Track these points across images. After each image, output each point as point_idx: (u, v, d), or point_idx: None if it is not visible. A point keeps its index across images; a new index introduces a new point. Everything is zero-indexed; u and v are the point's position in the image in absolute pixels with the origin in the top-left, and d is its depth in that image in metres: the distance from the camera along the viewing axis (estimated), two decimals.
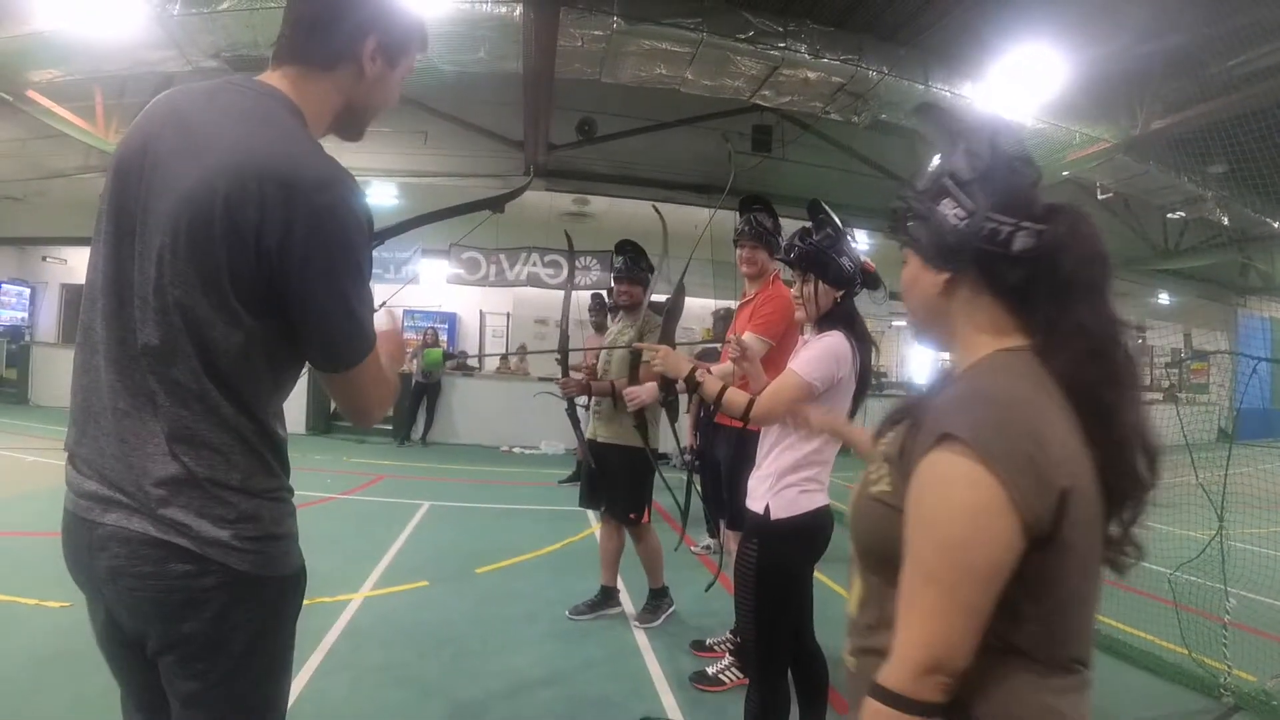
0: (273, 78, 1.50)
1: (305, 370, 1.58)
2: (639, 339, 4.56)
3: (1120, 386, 1.15)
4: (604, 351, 4.82)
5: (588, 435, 4.85)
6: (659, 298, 4.52)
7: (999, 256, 1.18)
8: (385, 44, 1.54)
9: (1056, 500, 1.03)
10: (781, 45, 8.75)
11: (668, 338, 3.67)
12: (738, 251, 4.24)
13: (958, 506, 1.05)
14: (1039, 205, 1.20)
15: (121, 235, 1.41)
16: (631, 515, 4.71)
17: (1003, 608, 1.06)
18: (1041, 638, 1.10)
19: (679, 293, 4.09)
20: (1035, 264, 1.17)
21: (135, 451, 1.37)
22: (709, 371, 3.05)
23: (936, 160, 1.29)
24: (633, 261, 4.83)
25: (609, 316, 4.89)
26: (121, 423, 1.38)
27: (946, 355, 1.36)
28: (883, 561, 1.19)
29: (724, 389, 2.84)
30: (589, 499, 4.98)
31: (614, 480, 4.71)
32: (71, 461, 1.46)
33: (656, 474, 4.44)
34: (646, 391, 4.13)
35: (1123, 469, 1.13)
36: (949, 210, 1.23)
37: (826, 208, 2.95)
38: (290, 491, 1.55)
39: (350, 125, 1.62)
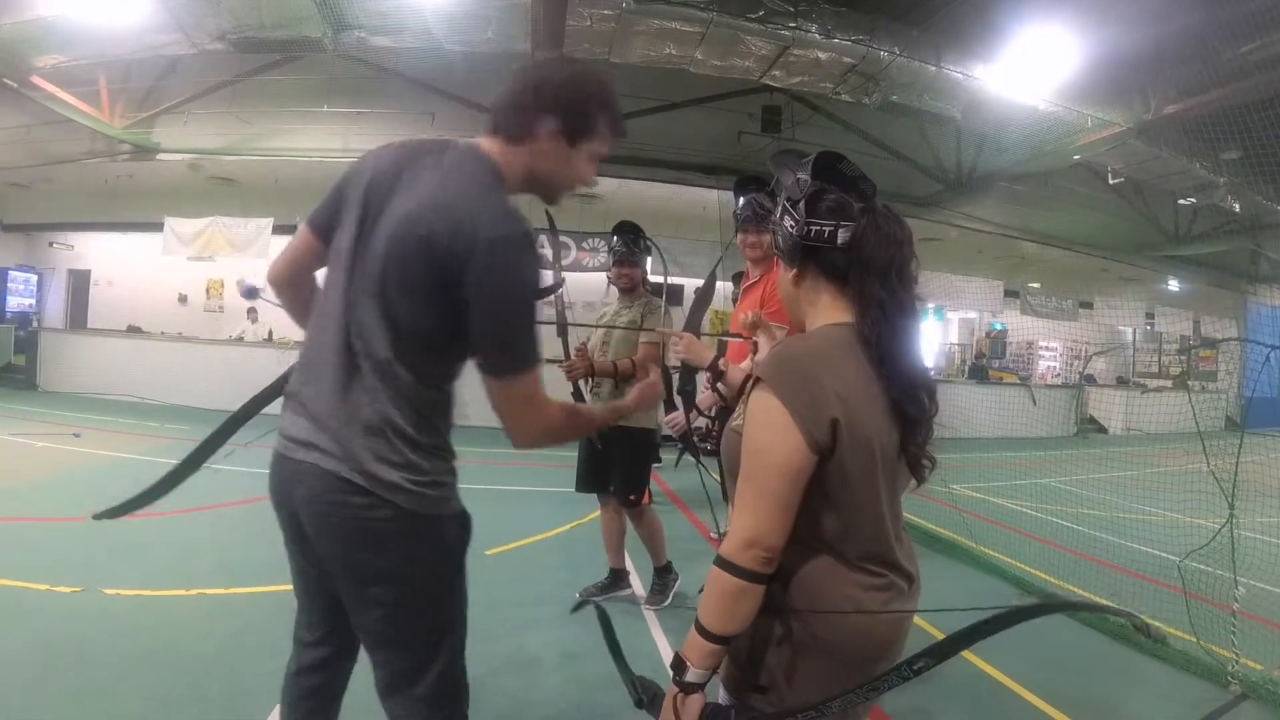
0: (485, 143, 1.85)
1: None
2: (638, 321, 4.55)
3: (900, 341, 1.56)
4: (603, 333, 4.79)
5: None
6: (656, 279, 4.48)
7: (827, 249, 1.62)
8: (566, 128, 1.83)
9: (830, 426, 1.47)
10: (792, 25, 8.72)
11: (693, 325, 3.63)
12: (740, 236, 4.18)
13: (763, 424, 1.52)
14: (855, 209, 1.61)
15: (364, 226, 1.78)
16: (631, 497, 4.69)
17: (806, 510, 1.51)
18: (838, 534, 1.54)
19: (710, 282, 4.07)
20: (851, 251, 1.60)
21: (341, 401, 1.74)
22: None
23: (784, 189, 1.70)
24: (631, 243, 4.78)
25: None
26: (337, 376, 1.75)
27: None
28: (735, 476, 1.61)
29: (748, 378, 2.82)
30: (587, 482, 4.89)
31: (614, 462, 4.69)
32: (288, 402, 1.88)
33: (695, 458, 4.43)
34: (679, 417, 4.16)
35: (911, 402, 1.56)
36: (787, 223, 1.67)
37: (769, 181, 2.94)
38: (451, 451, 1.88)
39: (541, 190, 1.93)
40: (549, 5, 7.84)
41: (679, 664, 1.58)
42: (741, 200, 4.15)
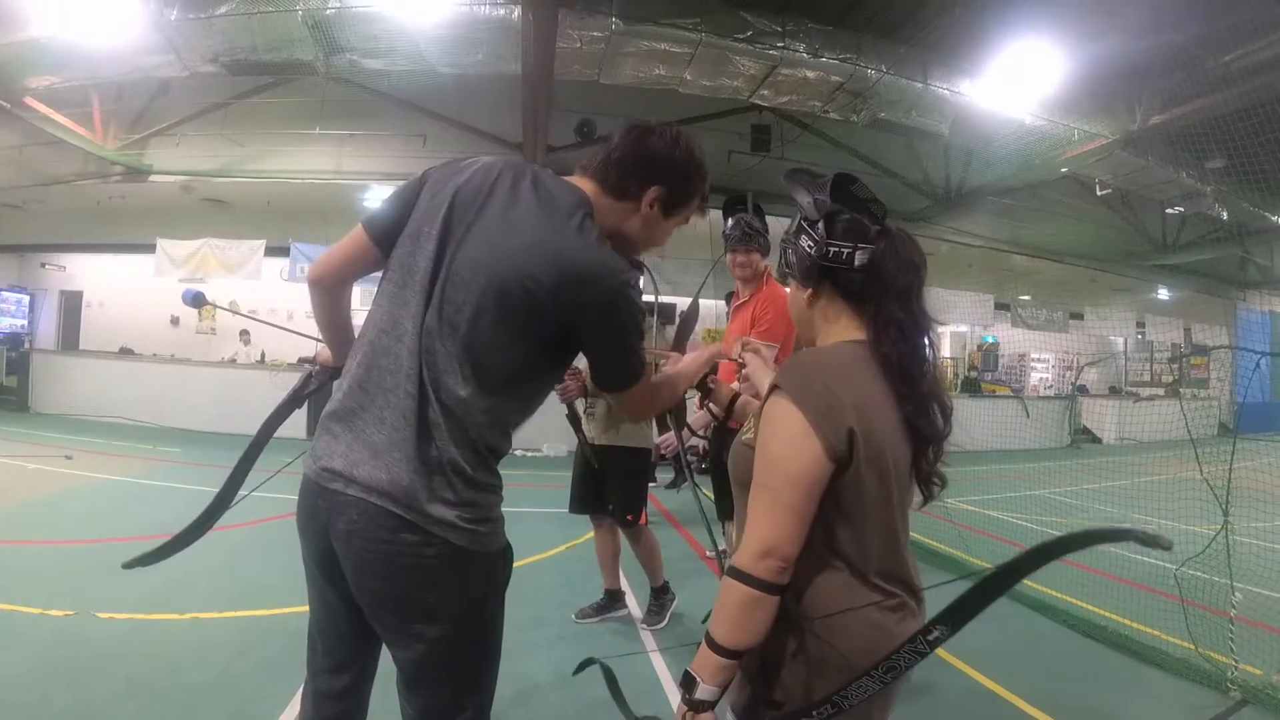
0: (582, 182, 1.89)
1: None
2: None
3: (918, 359, 1.61)
4: None
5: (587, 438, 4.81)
6: (648, 298, 4.46)
7: (845, 272, 1.64)
8: (666, 198, 1.90)
9: (847, 436, 1.47)
10: (780, 45, 8.78)
11: (680, 345, 3.65)
12: (729, 256, 4.21)
13: (779, 433, 1.52)
14: (871, 231, 1.62)
15: (446, 249, 1.76)
16: (629, 517, 4.68)
17: (821, 523, 1.51)
18: (854, 548, 1.54)
19: (695, 303, 4.08)
20: (867, 273, 1.62)
21: (406, 434, 1.70)
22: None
23: (800, 209, 1.70)
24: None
25: None
26: (406, 406, 1.71)
27: None
28: (745, 489, 1.62)
29: (736, 396, 2.83)
30: (582, 504, 4.87)
31: (611, 482, 4.69)
32: (332, 425, 1.80)
33: (689, 478, 4.44)
34: (671, 438, 4.13)
35: (926, 419, 1.60)
36: (804, 243, 1.68)
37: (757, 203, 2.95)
38: (500, 483, 1.88)
39: (620, 245, 1.93)
40: (539, 27, 7.90)
41: (689, 681, 1.56)
42: (730, 221, 4.18)
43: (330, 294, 2.01)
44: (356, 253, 1.93)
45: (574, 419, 4.72)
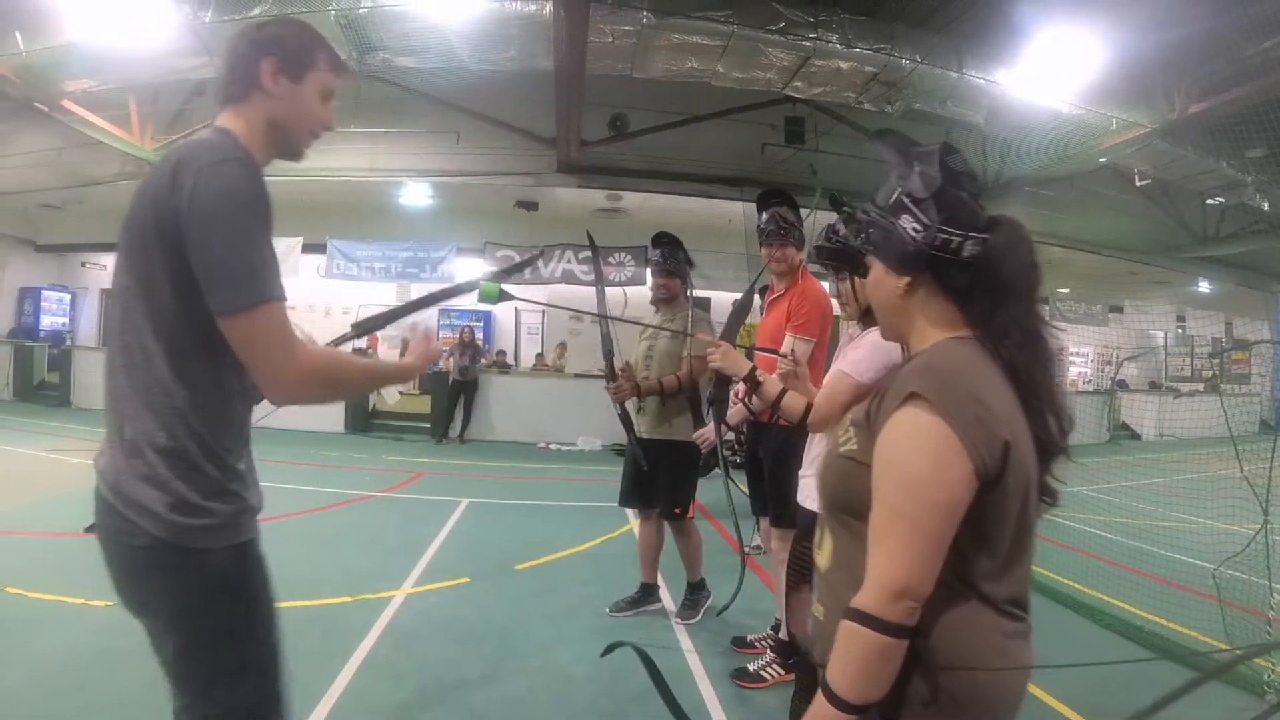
0: (221, 118, 1.76)
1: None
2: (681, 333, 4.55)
3: (1044, 366, 1.41)
4: (645, 349, 4.78)
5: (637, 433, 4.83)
6: (702, 294, 4.46)
7: (950, 262, 1.42)
8: (281, 65, 1.75)
9: (1001, 449, 1.28)
10: (812, 35, 8.70)
11: (729, 335, 3.63)
12: (764, 250, 4.19)
13: (923, 450, 1.29)
14: (983, 218, 1.44)
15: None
16: (677, 510, 4.70)
17: (956, 546, 1.30)
18: (987, 573, 1.34)
19: (749, 293, 4.07)
20: (979, 268, 1.42)
21: (111, 412, 1.61)
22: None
23: (895, 180, 1.49)
24: (669, 254, 4.77)
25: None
26: (108, 386, 1.63)
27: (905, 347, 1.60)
28: (850, 512, 1.43)
29: (784, 392, 2.81)
30: (632, 497, 4.89)
31: (660, 476, 4.69)
32: None
33: (724, 472, 4.44)
34: (712, 431, 4.12)
35: (1046, 430, 1.40)
36: (908, 224, 1.44)
37: (848, 202, 2.90)
38: (232, 470, 1.67)
39: (284, 143, 1.82)
40: (570, 23, 7.89)
41: None
42: (765, 215, 4.16)
43: None
44: None
45: (625, 419, 4.73)
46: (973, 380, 1.34)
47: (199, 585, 1.60)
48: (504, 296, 2.69)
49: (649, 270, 4.91)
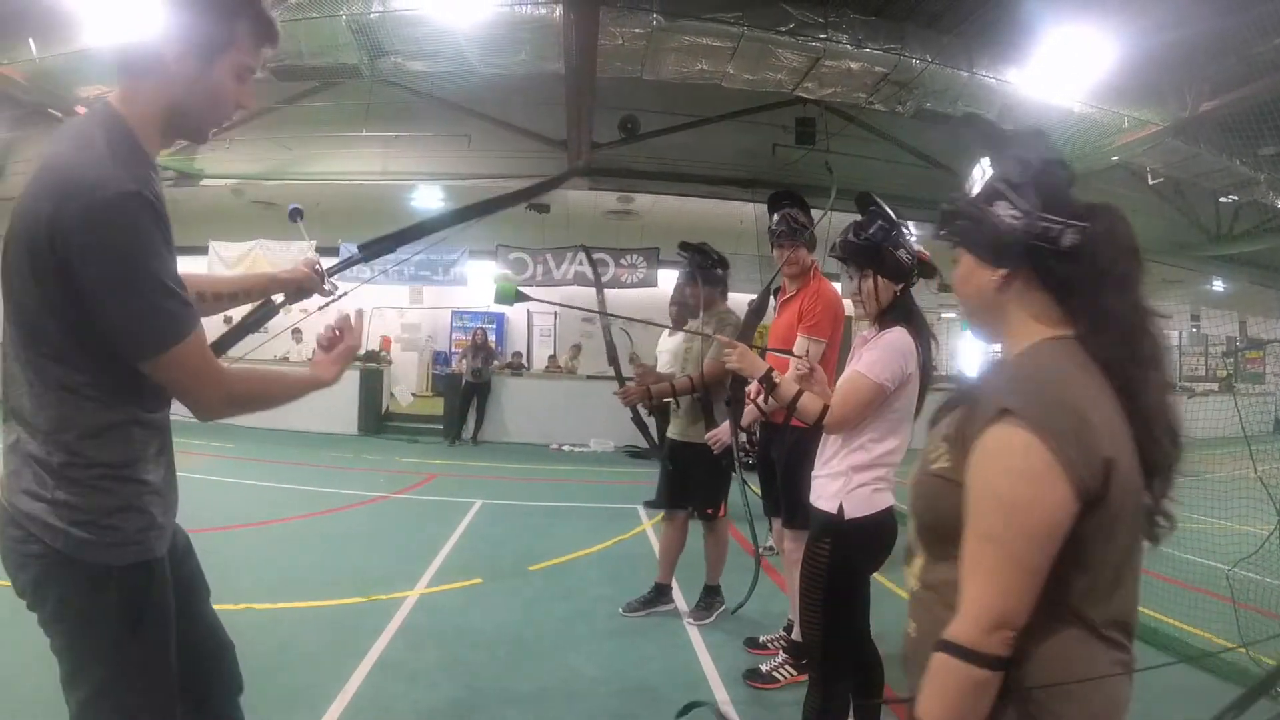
0: (115, 93, 1.59)
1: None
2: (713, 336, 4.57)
3: (1146, 366, 1.28)
4: (679, 354, 4.80)
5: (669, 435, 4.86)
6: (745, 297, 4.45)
7: (1049, 253, 1.30)
8: (194, 43, 1.56)
9: (1102, 468, 1.16)
10: (823, 36, 8.71)
11: (747, 336, 3.63)
12: (776, 252, 4.20)
13: (1017, 472, 1.17)
14: (1079, 205, 1.31)
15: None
16: (709, 510, 4.73)
17: (1056, 570, 1.18)
18: (1089, 597, 1.22)
19: (764, 294, 4.07)
20: (1079, 259, 1.29)
21: (5, 427, 1.55)
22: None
23: (986, 165, 1.40)
24: (696, 263, 4.74)
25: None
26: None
27: (996, 346, 1.47)
28: (941, 532, 1.32)
29: (800, 393, 2.82)
30: (668, 498, 4.92)
31: (694, 477, 4.71)
32: None
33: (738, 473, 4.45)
34: (724, 432, 4.12)
35: (1152, 442, 1.26)
36: (1004, 212, 1.33)
37: (878, 200, 2.90)
38: (135, 482, 1.60)
39: (185, 127, 1.66)
40: (580, 25, 7.91)
41: None
42: (776, 217, 4.16)
43: None
44: None
45: (639, 422, 4.74)
46: (1070, 389, 1.22)
47: (86, 600, 1.54)
48: (520, 298, 2.70)
49: (684, 279, 4.88)
